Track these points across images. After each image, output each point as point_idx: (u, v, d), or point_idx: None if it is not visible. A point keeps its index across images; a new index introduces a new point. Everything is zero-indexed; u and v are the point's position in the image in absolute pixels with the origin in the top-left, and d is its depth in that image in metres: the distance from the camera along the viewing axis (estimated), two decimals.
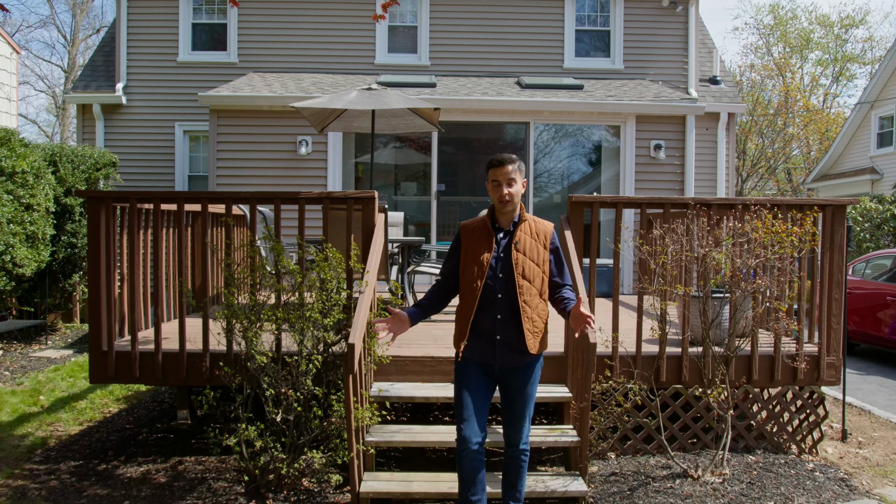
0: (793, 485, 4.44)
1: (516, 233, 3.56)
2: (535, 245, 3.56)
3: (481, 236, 3.59)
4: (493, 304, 3.49)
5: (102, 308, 4.84)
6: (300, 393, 4.10)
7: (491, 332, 3.50)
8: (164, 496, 4.27)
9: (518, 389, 3.58)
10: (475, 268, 3.53)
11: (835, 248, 4.99)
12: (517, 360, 3.53)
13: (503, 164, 3.53)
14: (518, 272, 3.50)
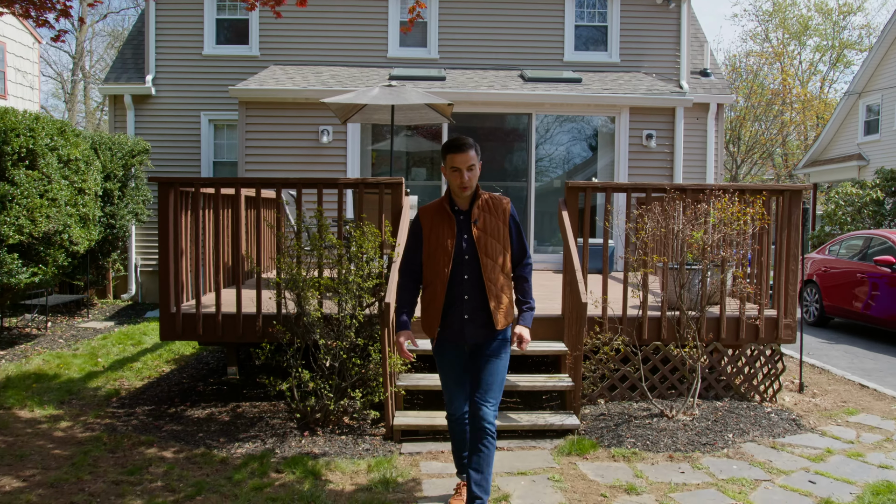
0: (750, 423, 5.35)
1: (474, 211, 3.59)
2: (495, 221, 3.59)
3: (442, 220, 3.60)
4: (461, 285, 3.55)
5: (171, 276, 5.73)
6: (345, 343, 5.00)
7: (459, 313, 3.56)
8: (230, 430, 5.18)
9: (484, 360, 3.60)
10: (440, 254, 3.56)
11: (791, 227, 5.87)
12: (485, 336, 3.60)
13: (463, 150, 3.51)
14: (481, 251, 3.54)
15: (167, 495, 3.93)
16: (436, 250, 3.56)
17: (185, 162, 12.45)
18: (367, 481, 4.16)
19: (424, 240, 3.61)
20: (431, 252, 3.58)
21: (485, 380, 3.56)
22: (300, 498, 3.88)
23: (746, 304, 6.06)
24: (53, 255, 8.15)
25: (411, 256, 3.67)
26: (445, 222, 3.58)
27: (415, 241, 3.66)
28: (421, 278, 3.67)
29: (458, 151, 3.48)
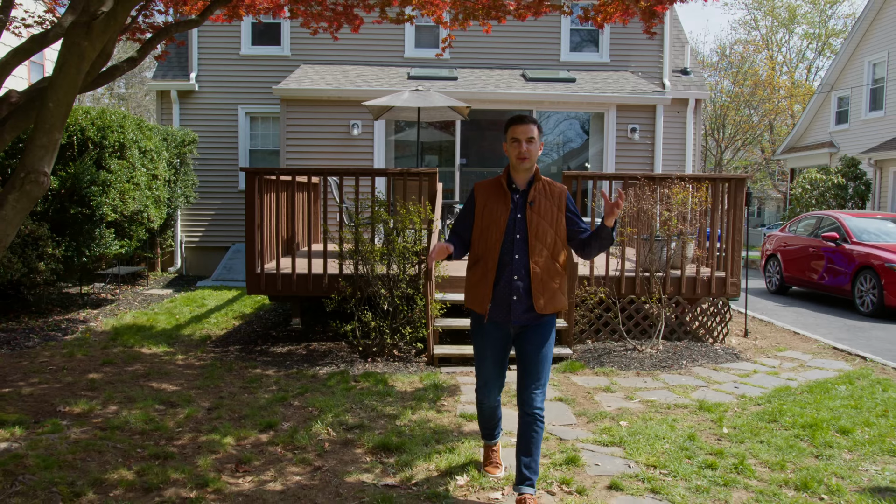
0: (701, 355, 7.09)
1: (531, 192, 3.56)
2: (550, 206, 3.57)
3: (498, 196, 3.58)
4: (511, 265, 3.51)
5: (256, 244, 7.41)
6: (398, 291, 6.71)
7: (507, 293, 3.51)
8: (310, 359, 6.88)
9: (533, 351, 3.55)
10: (493, 229, 3.54)
11: (736, 208, 7.57)
12: (532, 320, 3.55)
13: (524, 122, 3.52)
14: (531, 233, 3.51)
15: (283, 393, 5.63)
16: (489, 225, 3.55)
17: (225, 150, 14.09)
18: (422, 385, 5.88)
19: (477, 214, 3.60)
20: (484, 227, 3.57)
21: (535, 367, 3.53)
22: (378, 393, 5.59)
23: (703, 267, 7.78)
24: (136, 230, 9.82)
25: (460, 221, 3.70)
26: (501, 198, 3.57)
27: (466, 211, 3.68)
28: (466, 241, 3.68)
29: (520, 123, 3.52)
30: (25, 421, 4.78)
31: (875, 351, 7.71)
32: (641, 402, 5.49)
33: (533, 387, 3.53)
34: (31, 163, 3.94)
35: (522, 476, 3.54)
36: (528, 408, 3.52)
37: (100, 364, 6.58)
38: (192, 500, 3.65)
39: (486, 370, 3.69)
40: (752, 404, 5.45)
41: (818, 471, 4.07)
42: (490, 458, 3.98)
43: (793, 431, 4.77)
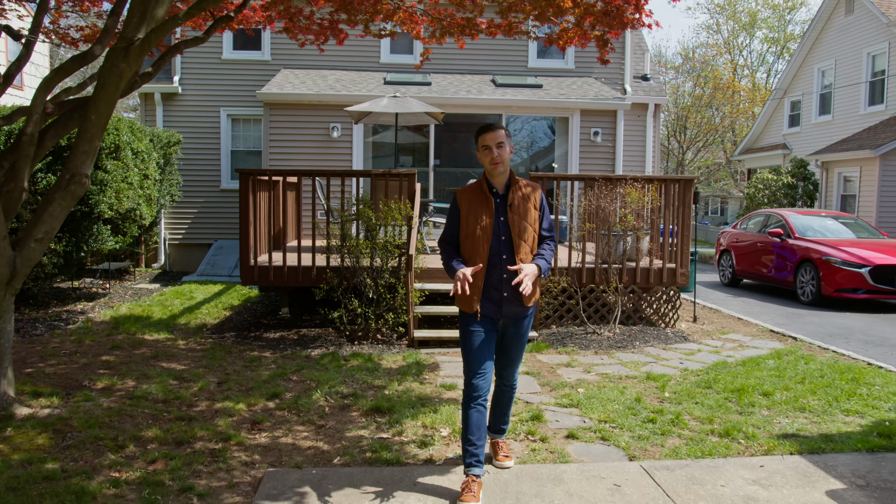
0: (653, 337, 7.93)
1: (510, 195, 3.79)
2: (527, 206, 3.80)
3: (480, 201, 3.78)
4: (499, 265, 3.73)
5: (250, 238, 8.07)
6: (382, 280, 7.44)
7: (498, 290, 3.75)
8: (301, 342, 7.57)
9: (516, 338, 3.92)
10: (479, 232, 3.74)
11: (685, 206, 8.43)
12: (519, 313, 3.84)
13: (492, 130, 3.73)
14: (515, 233, 3.74)
15: (282, 370, 6.32)
16: (475, 230, 3.75)
17: (207, 150, 14.65)
18: (405, 363, 6.62)
19: (462, 219, 3.81)
20: (470, 232, 3.77)
21: (515, 351, 3.97)
22: (367, 369, 6.32)
23: (656, 259, 8.64)
24: (129, 227, 10.40)
25: (450, 230, 3.90)
26: (483, 203, 3.77)
27: (453, 218, 3.88)
28: (458, 248, 3.89)
29: (488, 131, 3.74)
30: (59, 393, 5.43)
31: (807, 333, 8.64)
32: (597, 375, 6.30)
33: (512, 367, 4.01)
34: (75, 166, 4.61)
35: (497, 427, 4.16)
36: (506, 381, 4.05)
37: (108, 348, 7.21)
38: (219, 450, 4.35)
39: (479, 362, 3.77)
40: (693, 375, 6.29)
41: (740, 423, 4.90)
42: (469, 489, 3.64)
43: (723, 395, 5.61)
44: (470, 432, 3.75)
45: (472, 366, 3.78)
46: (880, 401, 5.50)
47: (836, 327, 9.25)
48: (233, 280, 12.69)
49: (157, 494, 3.69)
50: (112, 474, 3.95)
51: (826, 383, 5.96)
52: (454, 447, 4.44)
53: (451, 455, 4.31)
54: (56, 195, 4.63)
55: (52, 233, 4.75)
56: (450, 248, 3.89)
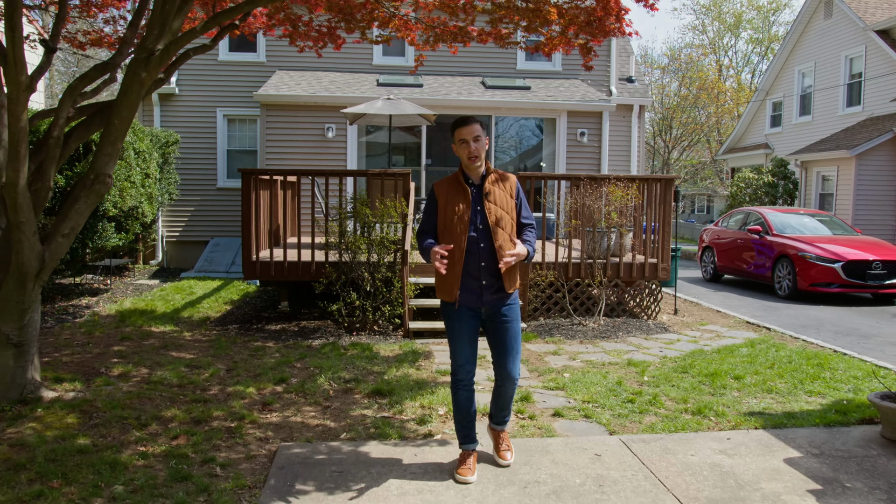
0: (636, 328, 8.38)
1: (485, 185, 3.87)
2: (504, 195, 3.88)
3: (457, 193, 3.87)
4: (477, 253, 3.80)
5: (252, 235, 8.45)
6: (379, 274, 7.85)
7: (477, 279, 3.82)
8: (302, 334, 7.96)
9: (503, 326, 3.92)
10: (457, 222, 3.81)
11: (667, 204, 8.88)
12: (500, 300, 3.89)
13: (468, 124, 3.80)
14: (492, 221, 3.80)
15: (286, 358, 6.71)
16: (452, 220, 3.83)
17: (203, 150, 14.99)
18: (401, 352, 7.03)
19: (440, 210, 3.91)
20: (448, 222, 3.85)
21: (509, 343, 3.95)
22: (366, 357, 6.73)
23: (639, 255, 9.10)
24: (132, 225, 10.75)
25: (427, 221, 3.99)
26: (461, 194, 3.86)
27: (430, 210, 3.97)
28: (436, 238, 3.97)
29: (464, 125, 3.81)
30: (79, 379, 5.80)
31: (782, 325, 9.11)
32: (582, 362, 6.74)
33: (508, 356, 3.96)
34: (100, 167, 4.99)
35: (499, 418, 4.18)
36: (505, 373, 3.99)
37: (118, 339, 7.57)
38: (235, 428, 4.75)
39: (463, 351, 3.93)
40: (671, 362, 6.73)
41: (711, 403, 5.35)
42: (465, 461, 3.97)
43: (698, 379, 6.06)
44: (460, 413, 4.02)
45: (456, 354, 3.96)
46: (841, 383, 5.97)
47: (809, 319, 9.74)
48: (230, 276, 13.05)
49: (183, 465, 4.09)
50: (139, 448, 4.34)
51: (793, 368, 6.42)
52: (450, 424, 4.85)
53: (448, 430, 4.72)
54: (81, 193, 5.01)
55: (78, 229, 5.13)
56: (426, 236, 3.95)
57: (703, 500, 3.70)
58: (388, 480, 3.90)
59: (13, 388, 5.09)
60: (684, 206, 48.41)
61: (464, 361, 3.94)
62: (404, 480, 3.90)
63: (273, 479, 3.91)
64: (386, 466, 4.10)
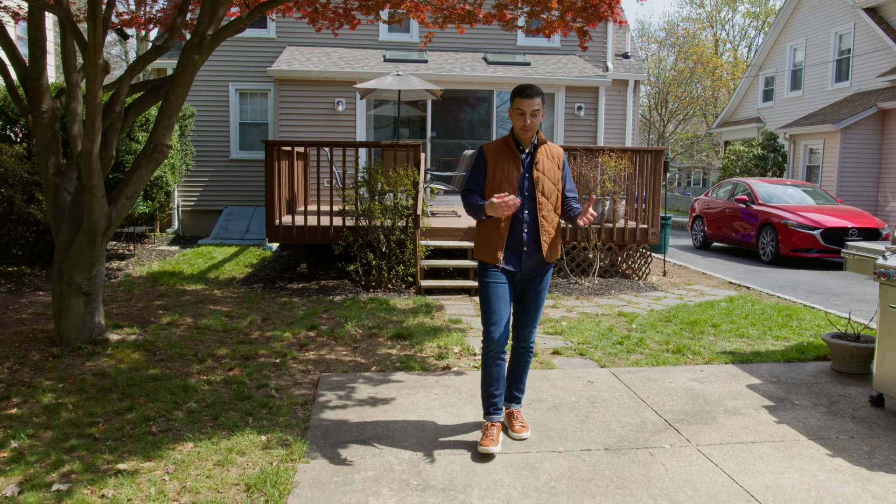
0: (627, 287, 9.18)
1: (536, 154, 3.88)
2: (552, 166, 3.90)
3: (508, 157, 3.86)
4: (521, 219, 3.83)
5: (275, 201, 9.19)
6: (393, 237, 8.62)
7: (519, 244, 3.84)
8: (323, 291, 8.74)
9: (534, 294, 3.98)
10: (506, 186, 3.81)
11: (656, 174, 9.63)
12: (538, 268, 3.93)
13: (531, 98, 3.76)
14: (539, 190, 3.83)
15: (313, 310, 7.49)
16: (501, 182, 3.84)
17: (217, 122, 15.64)
18: (415, 305, 7.82)
19: (489, 172, 3.88)
20: (496, 184, 3.85)
21: (533, 311, 4.02)
22: (384, 309, 7.52)
23: (630, 221, 9.87)
24: (157, 193, 11.47)
25: (475, 181, 3.92)
26: (511, 159, 3.87)
27: (477, 170, 3.92)
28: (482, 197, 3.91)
29: (526, 97, 3.77)
30: (136, 325, 6.59)
31: (761, 285, 9.92)
32: (578, 313, 7.54)
33: (530, 326, 4.03)
34: (158, 138, 5.72)
35: (512, 395, 4.16)
36: (523, 342, 4.05)
37: (157, 296, 8.35)
38: (279, 363, 5.54)
39: (498, 309, 3.85)
40: (657, 314, 7.54)
41: (690, 344, 6.16)
42: (488, 434, 3.91)
43: (680, 326, 6.87)
44: (490, 384, 3.94)
45: (492, 317, 3.86)
46: (805, 330, 6.78)
47: (787, 280, 10.56)
48: (245, 243, 13.80)
49: (243, 389, 4.88)
50: (202, 377, 5.13)
51: (765, 318, 7.23)
52: (465, 360, 5.66)
53: (463, 364, 5.53)
54: (142, 161, 5.75)
55: (139, 192, 5.87)
56: (473, 195, 3.89)
57: (675, 412, 4.51)
58: (417, 398, 4.71)
59: (84, 330, 5.86)
60: (680, 178, 49.13)
61: (497, 320, 3.85)
62: (430, 399, 4.70)
63: (320, 398, 4.71)
64: (413, 389, 4.90)
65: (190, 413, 4.41)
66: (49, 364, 5.34)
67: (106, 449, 3.82)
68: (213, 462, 3.68)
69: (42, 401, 4.54)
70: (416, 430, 4.15)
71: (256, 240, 13.97)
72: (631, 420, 4.37)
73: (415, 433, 4.11)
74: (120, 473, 3.51)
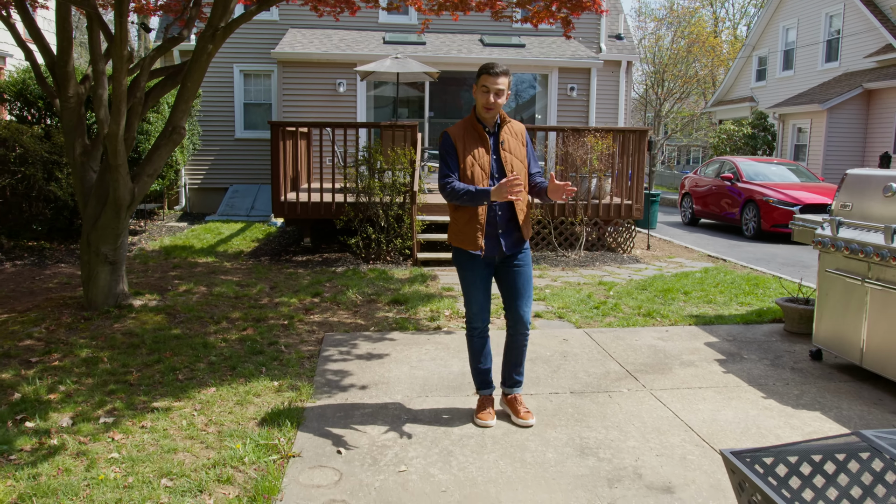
0: (611, 260, 9.78)
1: (501, 134, 3.82)
2: (517, 143, 3.86)
3: (475, 139, 3.79)
4: (494, 202, 3.75)
5: (280, 179, 9.77)
6: (391, 212, 9.21)
7: (494, 227, 3.81)
8: (326, 263, 9.34)
9: (517, 270, 3.90)
10: (479, 169, 3.76)
11: (640, 153, 10.19)
12: (515, 247, 3.89)
13: (497, 76, 3.68)
14: (508, 169, 3.79)
15: (317, 279, 8.10)
16: (472, 166, 3.76)
17: (222, 103, 16.16)
18: (411, 275, 8.43)
19: (459, 156, 3.79)
20: (467, 166, 3.77)
21: (522, 288, 3.91)
22: (383, 278, 8.13)
23: (616, 197, 10.45)
24: (167, 171, 12.04)
25: (451, 166, 3.82)
26: (478, 140, 3.80)
27: (450, 156, 3.82)
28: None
29: (492, 74, 3.69)
30: (156, 292, 7.21)
31: (739, 258, 10.52)
32: (562, 283, 8.15)
33: (521, 301, 3.92)
34: (175, 121, 6.30)
35: (512, 380, 4.08)
36: (519, 326, 3.96)
37: (171, 267, 8.96)
38: (287, 324, 6.16)
39: (478, 298, 3.92)
40: (635, 283, 8.15)
41: (660, 309, 6.77)
42: (483, 407, 4.05)
43: (653, 293, 7.48)
44: (477, 361, 4.06)
45: (471, 302, 3.95)
46: (770, 297, 7.39)
47: (765, 254, 11.16)
48: (250, 219, 14.39)
49: (256, 345, 5.50)
50: (219, 336, 5.76)
51: (733, 287, 7.84)
52: (454, 321, 6.28)
53: (453, 326, 6.14)
54: (162, 142, 6.33)
55: (159, 171, 6.45)
56: (456, 181, 3.79)
57: (637, 364, 5.13)
58: (409, 352, 5.34)
59: (110, 296, 6.48)
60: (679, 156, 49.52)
61: (478, 309, 3.94)
62: (421, 353, 5.33)
63: (325, 353, 5.33)
64: (407, 345, 5.53)
65: (210, 364, 5.04)
66: (81, 325, 5.96)
67: (141, 392, 4.45)
68: (234, 402, 4.31)
69: (80, 355, 5.16)
70: (407, 378, 4.78)
71: (261, 216, 14.56)
72: (596, 370, 4.99)
73: (407, 380, 4.74)
74: (155, 410, 4.14)
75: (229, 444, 3.67)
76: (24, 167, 9.72)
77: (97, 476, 3.30)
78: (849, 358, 4.91)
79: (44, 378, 4.64)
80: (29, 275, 8.36)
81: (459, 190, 3.73)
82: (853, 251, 4.69)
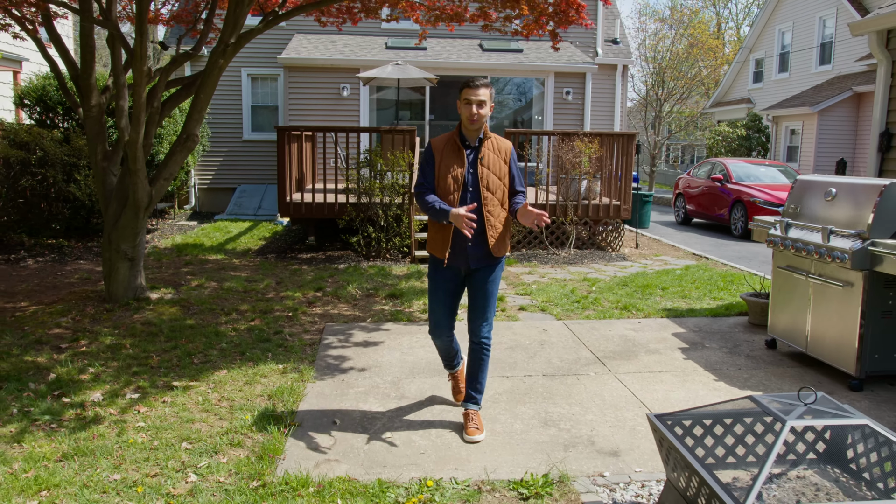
0: (599, 258, 10.31)
1: (481, 149, 3.88)
2: (498, 160, 3.90)
3: (452, 152, 3.88)
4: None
5: (286, 180, 10.34)
6: (391, 212, 9.76)
7: (464, 240, 3.85)
8: (329, 260, 9.91)
9: (482, 286, 3.95)
10: (451, 181, 3.84)
11: (628, 156, 10.71)
12: (485, 262, 3.92)
13: (477, 88, 3.79)
14: (483, 185, 3.83)
15: (320, 275, 8.66)
16: (446, 178, 3.85)
17: (230, 106, 16.74)
18: (409, 271, 8.98)
19: (436, 167, 3.90)
20: (441, 179, 3.87)
21: (483, 303, 3.96)
22: (382, 275, 8.68)
23: (605, 198, 10.98)
24: (179, 173, 12.61)
25: (426, 175, 3.94)
26: (456, 154, 3.88)
27: (427, 165, 3.94)
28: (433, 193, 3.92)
29: (472, 87, 3.80)
30: (170, 287, 7.78)
31: (722, 257, 11.03)
32: (549, 279, 8.69)
33: (481, 320, 3.99)
34: (190, 129, 6.87)
35: (469, 395, 4.14)
36: (475, 337, 4.02)
37: (183, 264, 9.54)
38: (292, 316, 6.72)
39: (438, 314, 4.04)
40: (617, 279, 8.68)
41: (637, 303, 7.30)
42: (457, 388, 4.48)
43: (633, 289, 8.01)
44: (443, 356, 4.38)
45: (431, 313, 4.10)
46: (741, 293, 7.91)
47: (748, 252, 11.66)
48: (258, 218, 14.97)
49: (263, 334, 6.06)
50: (229, 326, 6.32)
51: (710, 283, 8.37)
52: None
53: None
54: (177, 149, 6.90)
55: (174, 175, 7.02)
56: (427, 191, 3.92)
57: (608, 352, 5.68)
58: (401, 341, 5.89)
59: (129, 290, 7.06)
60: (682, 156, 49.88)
61: (438, 319, 4.06)
62: (412, 341, 5.88)
63: (325, 340, 5.90)
64: (399, 335, 6.08)
65: (222, 351, 5.60)
66: (104, 316, 6.54)
67: (161, 373, 5.02)
68: (243, 381, 4.87)
69: (105, 342, 5.74)
70: (398, 363, 5.33)
71: (268, 215, 15.14)
72: (569, 356, 5.54)
73: (397, 364, 5.30)
74: (175, 388, 4.71)
75: (240, 416, 4.23)
76: (45, 169, 10.31)
77: (127, 440, 3.87)
78: (797, 346, 5.44)
79: (74, 361, 5.21)
80: (51, 270, 8.95)
81: (426, 201, 3.87)
82: (798, 249, 5.22)
